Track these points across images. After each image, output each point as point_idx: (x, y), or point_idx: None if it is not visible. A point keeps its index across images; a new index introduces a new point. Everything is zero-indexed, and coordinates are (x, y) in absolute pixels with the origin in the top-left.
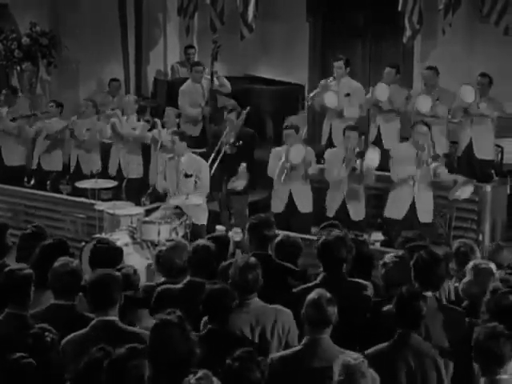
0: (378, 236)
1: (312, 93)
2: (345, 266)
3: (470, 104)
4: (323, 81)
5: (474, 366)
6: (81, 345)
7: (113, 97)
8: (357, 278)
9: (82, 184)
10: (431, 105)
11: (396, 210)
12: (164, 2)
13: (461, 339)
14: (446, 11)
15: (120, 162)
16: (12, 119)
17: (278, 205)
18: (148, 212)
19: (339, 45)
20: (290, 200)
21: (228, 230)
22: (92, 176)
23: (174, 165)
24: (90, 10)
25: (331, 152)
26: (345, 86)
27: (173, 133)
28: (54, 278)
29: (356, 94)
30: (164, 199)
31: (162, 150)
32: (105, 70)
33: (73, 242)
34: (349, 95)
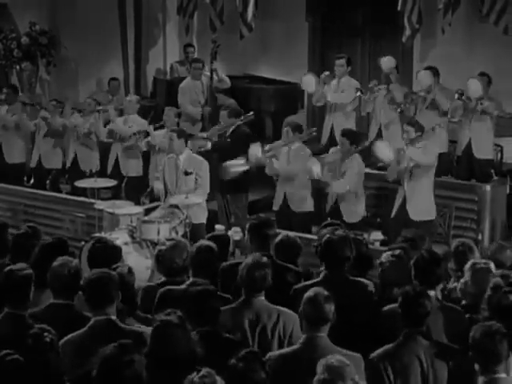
0: (378, 235)
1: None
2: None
3: (475, 98)
4: (322, 75)
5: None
6: (80, 345)
7: (112, 96)
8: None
9: (81, 183)
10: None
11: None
12: (164, 1)
13: (461, 338)
14: (445, 11)
15: (118, 161)
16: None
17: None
18: (147, 211)
19: (339, 44)
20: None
21: (227, 229)
22: (91, 175)
23: (174, 163)
24: (89, 9)
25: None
26: (344, 85)
27: (171, 130)
28: (54, 278)
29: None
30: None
31: (160, 152)
32: (104, 70)
33: (72, 241)
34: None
